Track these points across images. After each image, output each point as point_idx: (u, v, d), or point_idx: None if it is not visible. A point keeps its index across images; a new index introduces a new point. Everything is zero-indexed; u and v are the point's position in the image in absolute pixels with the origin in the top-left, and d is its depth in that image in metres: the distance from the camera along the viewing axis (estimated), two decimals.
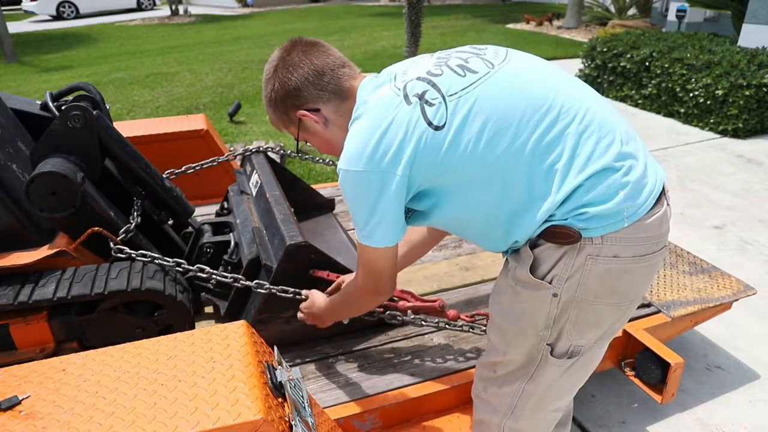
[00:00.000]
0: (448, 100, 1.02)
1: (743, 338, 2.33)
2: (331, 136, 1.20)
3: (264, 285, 1.63)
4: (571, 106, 1.04)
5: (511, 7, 15.49)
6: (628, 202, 1.01)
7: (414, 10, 5.54)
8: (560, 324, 1.10)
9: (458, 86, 1.04)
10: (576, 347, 1.12)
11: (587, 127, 1.03)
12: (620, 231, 1.01)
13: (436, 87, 1.04)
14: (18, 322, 1.56)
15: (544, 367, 1.15)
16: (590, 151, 1.01)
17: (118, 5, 18.93)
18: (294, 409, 1.00)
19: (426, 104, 1.02)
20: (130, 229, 1.79)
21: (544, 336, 1.12)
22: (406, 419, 1.56)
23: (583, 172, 1.00)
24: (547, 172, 1.01)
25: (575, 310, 1.08)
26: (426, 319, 1.69)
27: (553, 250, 1.04)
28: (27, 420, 0.90)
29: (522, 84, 1.05)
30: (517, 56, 1.12)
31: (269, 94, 1.17)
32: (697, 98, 5.05)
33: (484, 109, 1.01)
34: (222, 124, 5.56)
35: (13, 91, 7.11)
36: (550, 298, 1.07)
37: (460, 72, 1.06)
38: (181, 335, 1.11)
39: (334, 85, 1.14)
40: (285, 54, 1.16)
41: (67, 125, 1.71)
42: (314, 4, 19.43)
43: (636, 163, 1.04)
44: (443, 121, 1.01)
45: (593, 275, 1.04)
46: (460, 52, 1.13)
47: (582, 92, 1.09)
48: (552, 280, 1.06)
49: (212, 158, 2.54)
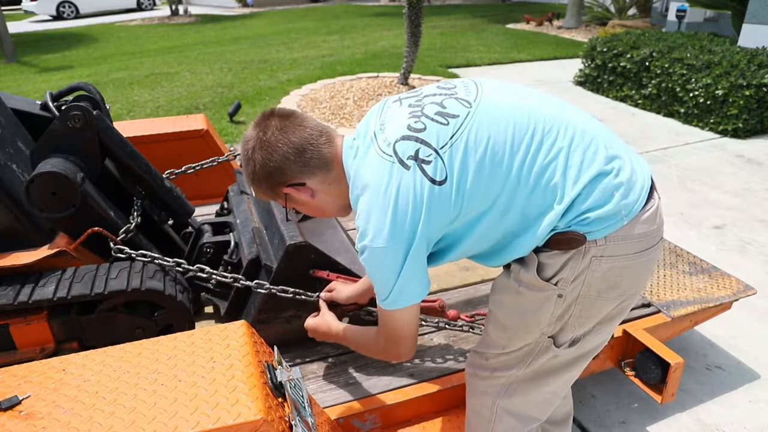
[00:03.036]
0: (442, 153, 1.03)
1: (743, 338, 2.33)
2: (321, 204, 1.21)
3: (264, 285, 1.63)
4: (552, 124, 1.07)
5: (511, 7, 15.49)
6: (623, 201, 1.04)
7: (414, 10, 5.54)
8: (564, 320, 1.13)
9: (446, 136, 1.05)
10: (577, 336, 1.15)
11: (572, 140, 1.06)
12: (621, 229, 1.05)
13: (425, 143, 1.04)
14: (18, 322, 1.56)
15: (543, 355, 1.18)
16: (580, 162, 1.04)
17: (118, 5, 18.93)
18: (294, 409, 1.00)
19: (423, 163, 1.03)
20: (130, 229, 1.79)
21: (547, 331, 1.15)
22: (406, 419, 1.56)
23: (578, 183, 1.03)
24: (544, 190, 1.04)
25: (578, 307, 1.11)
26: (426, 319, 1.69)
27: (558, 256, 1.07)
28: (27, 420, 0.90)
29: (502, 113, 1.07)
30: (487, 87, 1.13)
31: (252, 175, 1.16)
32: (697, 98, 5.05)
33: (475, 150, 1.03)
34: (222, 124, 5.57)
35: (13, 91, 7.12)
36: (554, 299, 1.10)
37: (442, 120, 1.07)
38: (181, 335, 1.11)
39: (317, 159, 1.13)
40: (261, 134, 1.13)
41: (67, 125, 1.71)
42: (314, 4, 19.43)
43: (623, 163, 1.08)
44: (444, 175, 1.03)
45: (597, 274, 1.07)
46: (431, 97, 1.13)
47: (557, 107, 1.12)
48: (557, 283, 1.08)
49: (212, 158, 2.54)
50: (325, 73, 7.60)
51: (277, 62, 8.74)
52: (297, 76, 7.60)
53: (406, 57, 5.82)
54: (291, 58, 8.99)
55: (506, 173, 1.03)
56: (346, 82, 6.61)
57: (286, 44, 10.55)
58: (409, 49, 5.71)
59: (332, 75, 7.34)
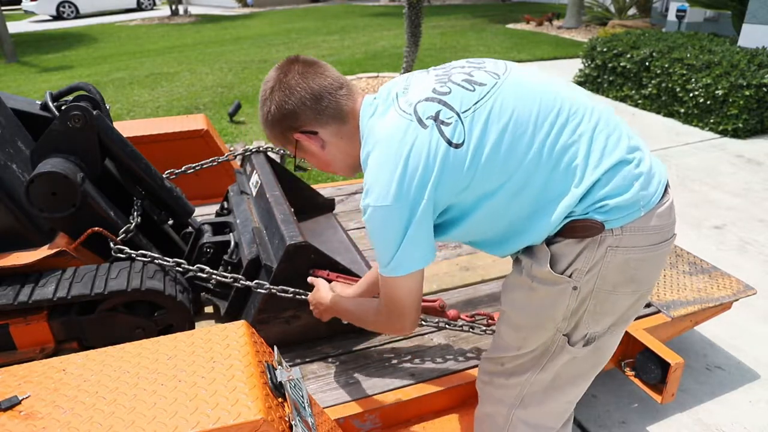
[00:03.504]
0: (463, 117, 1.02)
1: (743, 338, 2.33)
2: (329, 157, 1.19)
3: (264, 285, 1.63)
4: (578, 107, 1.06)
5: (511, 7, 15.49)
6: (642, 191, 1.03)
7: (414, 10, 5.53)
8: (578, 315, 1.10)
9: (470, 101, 1.03)
10: (592, 334, 1.13)
11: (596, 125, 1.05)
12: (638, 220, 1.03)
13: (447, 105, 1.03)
14: (18, 322, 1.56)
15: (558, 357, 1.15)
16: (602, 147, 1.03)
17: (118, 5, 18.93)
18: (294, 409, 1.00)
19: (442, 124, 1.01)
20: (130, 229, 1.79)
21: (561, 327, 1.12)
22: (406, 419, 1.56)
23: (599, 167, 1.01)
24: (564, 172, 1.02)
25: (593, 301, 1.09)
26: (426, 319, 1.69)
27: (572, 245, 1.05)
28: (27, 420, 0.90)
29: (529, 91, 1.06)
30: (515, 67, 1.13)
31: (266, 115, 1.16)
32: (697, 98, 5.05)
33: (499, 119, 1.01)
34: (222, 124, 5.57)
35: (13, 91, 7.12)
36: (569, 292, 1.08)
37: (468, 87, 1.05)
38: (181, 335, 1.11)
39: (333, 109, 1.12)
40: (282, 75, 1.13)
41: (67, 125, 1.71)
42: (314, 4, 19.43)
43: (643, 155, 1.08)
44: (462, 139, 1.00)
45: (613, 266, 1.05)
46: (459, 68, 1.12)
47: (584, 95, 1.12)
48: (572, 274, 1.06)
49: (212, 158, 2.54)
50: None
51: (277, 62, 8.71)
52: None
53: (406, 57, 5.81)
54: None
55: (526, 149, 1.01)
56: None
57: (286, 44, 10.56)
58: (409, 49, 5.71)
59: None
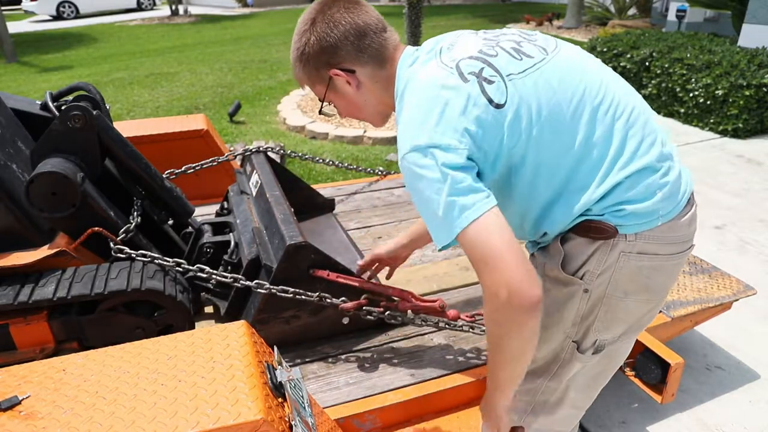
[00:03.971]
0: (507, 80, 0.98)
1: (743, 338, 2.33)
2: (361, 100, 1.14)
3: (264, 285, 1.63)
4: (620, 102, 1.03)
5: (511, 7, 15.48)
6: (664, 202, 1.01)
7: (414, 10, 5.53)
8: (588, 321, 1.09)
9: (516, 68, 1.00)
10: (602, 342, 1.11)
11: (633, 125, 1.02)
12: (654, 229, 1.01)
13: (492, 66, 0.99)
14: (18, 322, 1.55)
15: (569, 364, 1.14)
16: (634, 149, 1.00)
17: (118, 5, 18.92)
18: (294, 409, 1.00)
19: (485, 81, 0.96)
20: (130, 229, 1.79)
21: (571, 333, 1.11)
22: (406, 419, 1.56)
23: (625, 169, 0.99)
24: (592, 165, 0.99)
25: (604, 307, 1.06)
26: (426, 319, 1.69)
27: (585, 245, 1.03)
28: (27, 420, 0.90)
29: (576, 74, 1.02)
30: (566, 46, 1.10)
31: (302, 48, 1.09)
32: (697, 98, 5.05)
33: (540, 94, 0.98)
34: (222, 124, 5.57)
35: (13, 91, 7.11)
36: (580, 294, 1.06)
37: (516, 55, 1.02)
38: (181, 335, 1.11)
39: (375, 49, 1.08)
40: (325, 8, 1.08)
41: (67, 125, 1.71)
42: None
43: (673, 165, 1.05)
44: (504, 100, 0.96)
45: (625, 272, 1.03)
46: (509, 35, 1.08)
47: (628, 90, 1.08)
48: (583, 276, 1.05)
49: (212, 158, 2.54)
50: None
51: (277, 62, 8.73)
52: None
53: None
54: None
55: (560, 131, 0.97)
56: None
57: (286, 44, 10.55)
58: None
59: None
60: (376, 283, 1.76)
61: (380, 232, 2.44)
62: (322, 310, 1.72)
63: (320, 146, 4.93)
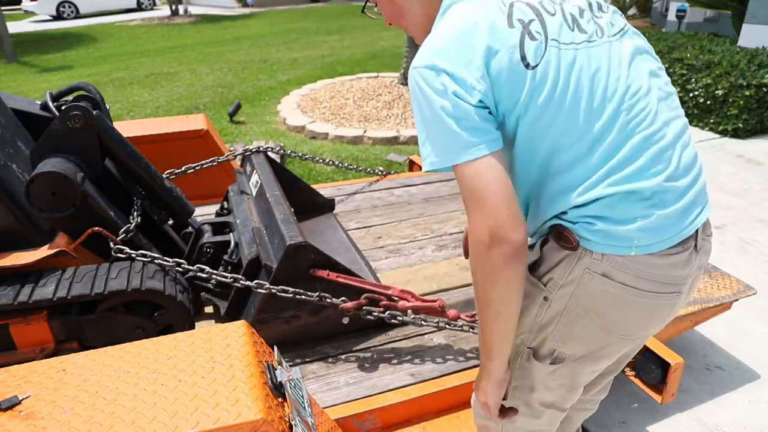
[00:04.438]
0: (549, 44, 0.92)
1: (743, 338, 2.33)
2: (406, 6, 1.07)
3: (264, 285, 1.63)
4: (653, 117, 0.96)
5: None
6: (642, 233, 0.93)
7: None
8: (545, 333, 1.05)
9: (564, 37, 0.94)
10: (560, 354, 1.06)
11: (651, 145, 0.94)
12: (625, 257, 0.95)
13: (543, 24, 0.93)
14: (18, 322, 1.56)
15: (525, 368, 1.11)
16: (634, 170, 0.93)
17: (118, 5, 18.92)
18: (294, 409, 1.00)
19: (528, 35, 0.91)
20: (130, 229, 1.79)
21: (527, 339, 1.07)
22: (406, 419, 1.56)
23: (614, 186, 0.93)
24: (587, 169, 0.94)
25: (563, 320, 1.02)
26: (426, 319, 1.69)
27: (555, 252, 1.00)
28: (27, 420, 0.90)
29: (620, 71, 0.96)
30: (630, 39, 1.02)
31: None
32: (697, 98, 5.05)
33: (572, 75, 0.92)
34: (222, 124, 5.57)
35: (13, 91, 7.12)
36: (540, 301, 1.03)
37: (570, 24, 0.96)
38: (181, 335, 1.11)
39: None
40: None
41: (67, 125, 1.71)
42: (314, 4, 19.42)
43: (673, 199, 0.96)
44: (536, 62, 0.90)
45: (588, 291, 0.98)
46: (576, 2, 1.01)
47: (671, 108, 1.01)
48: (547, 283, 1.01)
49: (212, 158, 2.55)
50: (325, 73, 7.60)
51: (277, 62, 8.74)
52: (297, 76, 7.61)
53: (406, 57, 5.81)
54: (291, 58, 9.00)
55: (577, 119, 0.92)
56: (346, 82, 6.62)
57: (286, 44, 10.56)
58: (409, 49, 5.71)
59: (332, 75, 7.35)
60: (376, 283, 1.76)
61: (380, 232, 2.44)
62: (322, 310, 1.72)
63: (320, 146, 4.93)
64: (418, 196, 2.79)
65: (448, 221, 2.53)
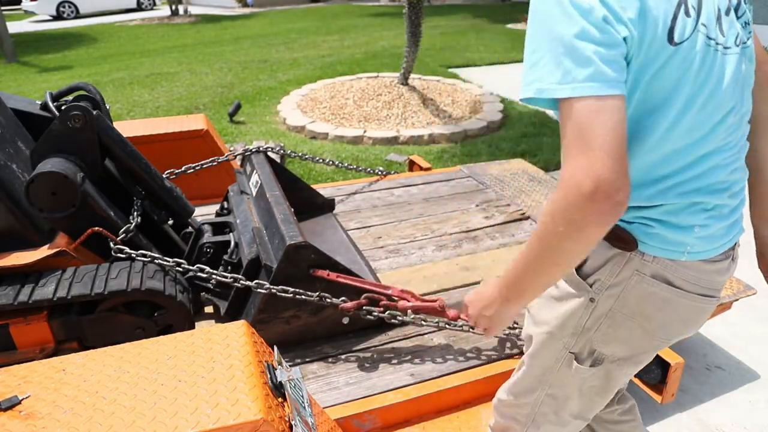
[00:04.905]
0: (698, 29, 0.84)
1: (743, 338, 2.33)
2: None
3: (264, 285, 1.63)
4: (741, 135, 0.95)
5: (512, 6, 15.48)
6: (697, 240, 0.94)
7: (414, 10, 5.53)
8: (588, 335, 1.03)
9: (710, 29, 0.86)
10: (600, 354, 1.05)
11: (730, 164, 0.93)
12: (676, 261, 0.95)
13: (700, 3, 0.85)
14: (18, 322, 1.56)
15: (565, 375, 1.09)
16: (707, 185, 0.91)
17: (118, 5, 18.91)
18: (294, 409, 1.00)
19: (683, 7, 0.82)
20: (130, 229, 1.79)
21: (569, 344, 1.06)
22: (406, 419, 1.56)
23: (683, 198, 0.91)
24: (669, 173, 0.89)
25: (608, 321, 1.00)
26: (426, 319, 1.69)
27: (603, 250, 0.97)
28: (27, 420, 0.90)
29: (734, 85, 0.90)
30: (751, 52, 0.95)
31: None
32: None
33: (702, 74, 0.85)
34: (222, 124, 5.57)
35: (13, 91, 7.12)
36: (585, 303, 1.00)
37: (715, 19, 0.87)
38: (181, 335, 1.11)
39: None
40: None
41: (67, 125, 1.71)
42: (314, 4, 19.42)
43: (729, 213, 0.98)
44: (681, 40, 0.82)
45: (635, 293, 0.97)
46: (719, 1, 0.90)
47: (747, 126, 0.99)
48: (593, 284, 0.99)
49: (212, 158, 2.55)
50: (325, 73, 7.60)
51: (277, 62, 8.74)
52: (297, 76, 7.61)
53: (406, 57, 5.81)
54: (291, 58, 9.00)
55: (685, 120, 0.86)
56: (346, 82, 6.61)
57: (286, 44, 10.56)
58: (409, 49, 5.71)
59: (332, 75, 7.35)
60: (375, 283, 1.76)
61: (380, 232, 2.44)
62: (322, 310, 1.72)
63: (320, 146, 4.93)
64: (418, 196, 2.79)
65: (448, 221, 2.53)
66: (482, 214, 2.59)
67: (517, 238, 2.36)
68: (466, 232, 2.43)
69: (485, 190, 2.86)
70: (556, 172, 4.26)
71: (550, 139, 4.88)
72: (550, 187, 2.87)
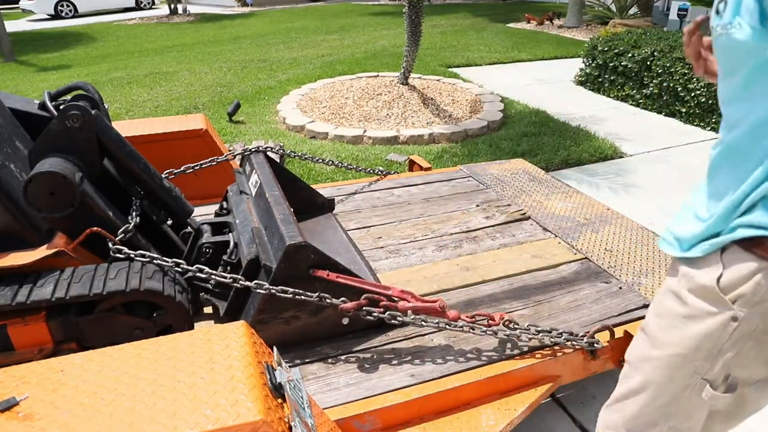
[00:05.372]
0: None
1: None
2: None
3: (263, 285, 1.62)
4: None
5: (512, 6, 15.49)
6: None
7: (414, 10, 5.53)
8: (725, 356, 0.92)
9: None
10: (734, 380, 0.94)
11: None
12: None
13: None
14: (16, 322, 1.55)
15: (693, 404, 0.98)
16: None
17: (116, 4, 18.89)
18: (293, 410, 0.99)
19: None
20: (129, 229, 1.78)
21: (701, 369, 0.94)
22: (406, 420, 1.55)
23: None
24: None
25: (751, 342, 0.90)
26: (426, 319, 1.69)
27: (747, 261, 0.87)
28: (25, 421, 0.89)
29: None
30: None
31: None
32: (699, 98, 5.05)
33: None
34: (221, 123, 5.56)
35: (11, 91, 7.11)
36: (726, 322, 0.89)
37: None
38: (181, 336, 1.10)
39: None
40: None
41: (66, 125, 1.70)
42: (314, 3, 19.41)
43: None
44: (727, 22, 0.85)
45: None
46: None
47: None
48: (736, 300, 0.88)
49: (211, 158, 2.54)
50: (324, 72, 7.59)
51: (276, 61, 8.73)
52: (297, 75, 7.60)
53: (406, 56, 5.81)
54: (290, 58, 8.99)
55: None
56: (346, 81, 6.61)
57: (285, 43, 10.55)
58: (409, 49, 5.70)
59: (332, 74, 7.34)
60: (375, 283, 1.76)
61: (380, 232, 2.44)
62: (322, 310, 1.71)
63: (320, 146, 4.92)
64: (418, 196, 2.79)
65: (448, 221, 2.53)
66: (483, 214, 2.58)
67: (518, 239, 2.36)
68: (466, 232, 2.43)
69: (486, 190, 2.85)
70: (557, 172, 4.26)
71: (551, 138, 4.88)
72: (550, 186, 2.86)
